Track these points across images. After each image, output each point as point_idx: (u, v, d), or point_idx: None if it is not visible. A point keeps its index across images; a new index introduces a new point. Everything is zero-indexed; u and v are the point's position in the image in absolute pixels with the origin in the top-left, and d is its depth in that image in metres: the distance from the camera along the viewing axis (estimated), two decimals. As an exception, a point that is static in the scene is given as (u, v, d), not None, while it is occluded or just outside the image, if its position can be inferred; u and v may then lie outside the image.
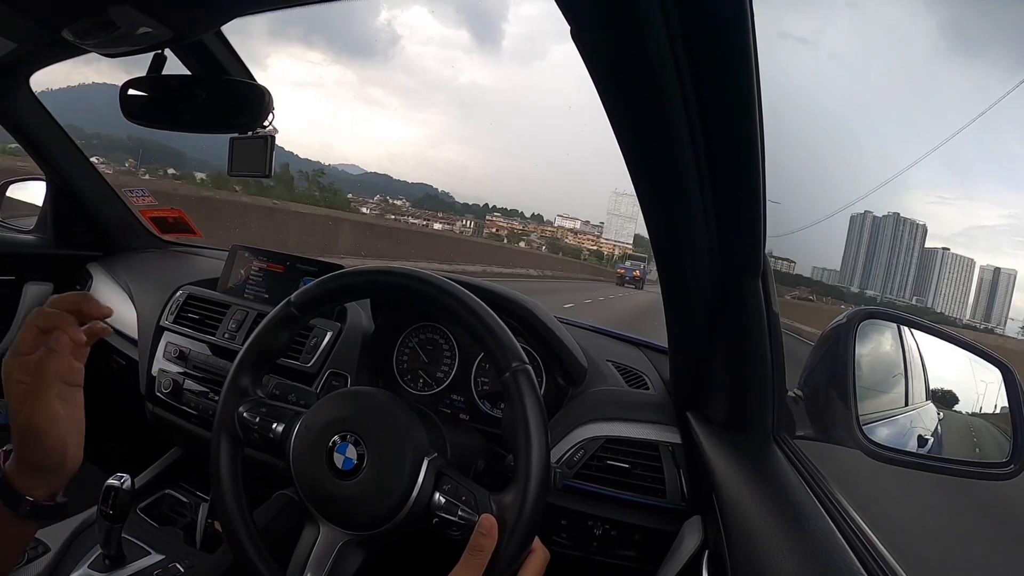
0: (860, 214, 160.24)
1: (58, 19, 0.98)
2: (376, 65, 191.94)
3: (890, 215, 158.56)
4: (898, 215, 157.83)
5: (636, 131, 0.64)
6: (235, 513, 0.81)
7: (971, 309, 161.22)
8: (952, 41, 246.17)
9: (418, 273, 0.82)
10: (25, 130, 1.68)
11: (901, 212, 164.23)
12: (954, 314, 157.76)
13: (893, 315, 0.94)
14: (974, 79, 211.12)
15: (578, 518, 1.05)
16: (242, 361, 0.87)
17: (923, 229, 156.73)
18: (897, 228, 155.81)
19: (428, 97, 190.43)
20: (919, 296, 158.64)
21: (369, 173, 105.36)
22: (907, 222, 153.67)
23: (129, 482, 0.99)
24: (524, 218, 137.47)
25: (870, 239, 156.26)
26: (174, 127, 1.18)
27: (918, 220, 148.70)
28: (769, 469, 0.83)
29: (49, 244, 1.87)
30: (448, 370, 1.23)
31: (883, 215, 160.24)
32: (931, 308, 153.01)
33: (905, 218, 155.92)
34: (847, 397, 0.83)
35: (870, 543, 0.67)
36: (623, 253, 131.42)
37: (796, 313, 25.70)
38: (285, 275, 1.52)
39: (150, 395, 1.47)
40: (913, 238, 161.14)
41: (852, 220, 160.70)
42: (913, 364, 0.99)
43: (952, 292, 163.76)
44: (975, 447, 0.93)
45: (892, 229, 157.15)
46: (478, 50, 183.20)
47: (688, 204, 0.70)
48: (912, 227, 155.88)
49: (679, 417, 1.04)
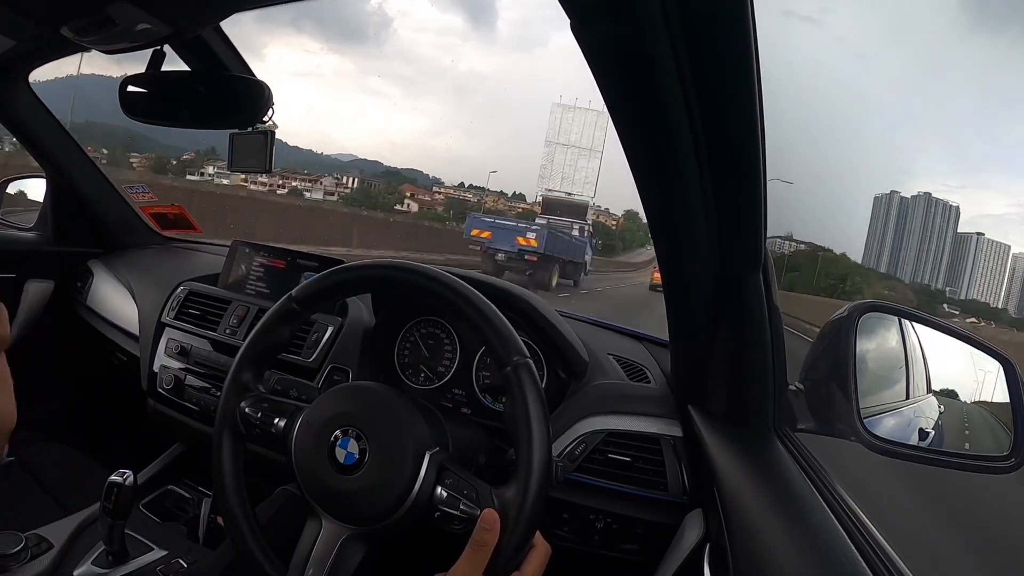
0: (886, 195, 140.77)
1: (57, 17, 0.98)
2: (369, 51, 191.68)
3: (920, 195, 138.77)
4: (929, 195, 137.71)
5: (636, 123, 0.64)
6: (237, 508, 0.81)
7: (1003, 299, 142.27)
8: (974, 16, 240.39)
9: (419, 267, 0.82)
10: (24, 127, 1.68)
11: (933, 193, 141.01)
12: (994, 303, 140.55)
13: (894, 308, 0.94)
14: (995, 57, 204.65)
15: (580, 512, 1.06)
16: (243, 357, 0.87)
17: (956, 211, 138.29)
18: (929, 210, 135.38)
19: (426, 86, 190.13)
20: (952, 287, 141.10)
21: (359, 159, 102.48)
22: (939, 203, 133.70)
23: (131, 478, 0.99)
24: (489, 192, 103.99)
25: (897, 222, 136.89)
26: (174, 123, 1.18)
27: (951, 201, 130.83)
28: (770, 462, 0.83)
29: (50, 241, 1.87)
30: (449, 364, 1.23)
31: (913, 195, 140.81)
32: (973, 298, 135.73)
33: (937, 199, 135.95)
34: (848, 390, 0.83)
35: (871, 535, 0.67)
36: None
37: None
38: (286, 270, 1.52)
39: (152, 391, 1.47)
40: (946, 222, 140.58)
41: (876, 201, 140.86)
42: (914, 357, 0.99)
43: (987, 281, 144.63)
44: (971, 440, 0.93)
45: (923, 211, 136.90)
46: (474, 35, 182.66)
47: (689, 197, 0.69)
48: (945, 209, 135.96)
49: (680, 410, 1.05)
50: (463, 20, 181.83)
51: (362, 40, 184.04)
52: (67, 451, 1.51)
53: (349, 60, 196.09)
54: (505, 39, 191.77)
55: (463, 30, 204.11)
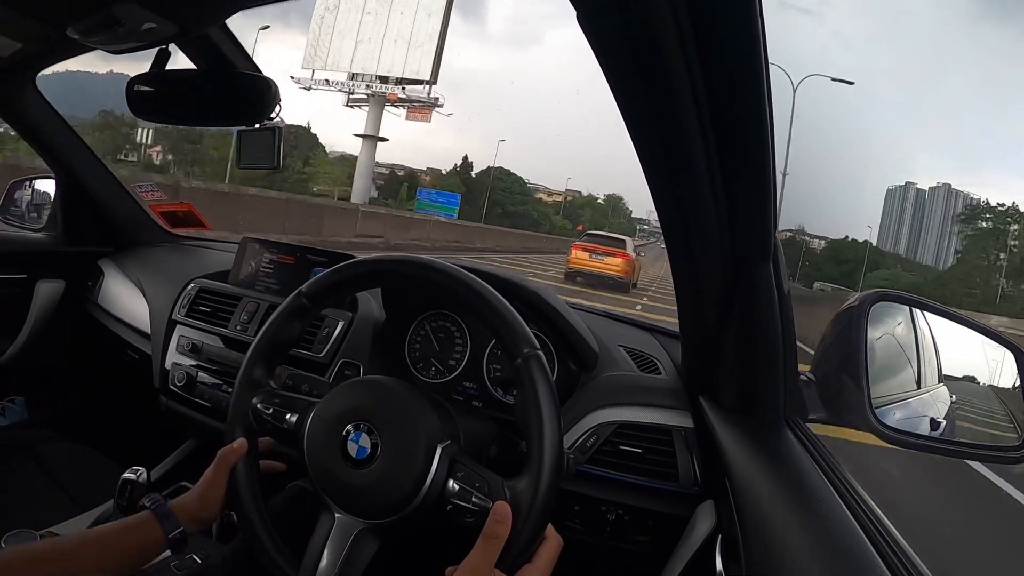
0: (901, 187, 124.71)
1: (63, 18, 0.99)
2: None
3: (940, 186, 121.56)
4: (949, 186, 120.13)
5: (644, 114, 0.63)
6: (250, 504, 0.82)
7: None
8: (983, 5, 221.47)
9: (428, 261, 0.82)
10: (33, 129, 1.69)
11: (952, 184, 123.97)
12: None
13: (905, 297, 0.94)
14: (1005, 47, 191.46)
15: (591, 504, 1.06)
16: (254, 353, 0.88)
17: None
18: (948, 203, 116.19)
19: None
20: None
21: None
22: (959, 195, 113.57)
23: (145, 475, 1.00)
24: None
25: (914, 217, 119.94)
26: (182, 122, 1.19)
27: (972, 193, 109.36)
28: (781, 453, 0.83)
29: (60, 242, 1.88)
30: (460, 357, 1.23)
31: (932, 186, 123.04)
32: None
33: (957, 190, 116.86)
34: (859, 380, 0.83)
35: (883, 526, 0.67)
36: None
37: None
38: (296, 266, 1.52)
39: (164, 388, 1.48)
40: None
41: (889, 194, 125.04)
42: (925, 347, 0.99)
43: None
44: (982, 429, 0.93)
45: (943, 204, 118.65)
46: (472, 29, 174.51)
47: (698, 188, 0.69)
48: (967, 202, 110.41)
49: (691, 401, 1.04)
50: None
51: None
52: (80, 449, 1.52)
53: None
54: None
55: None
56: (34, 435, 1.56)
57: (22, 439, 1.51)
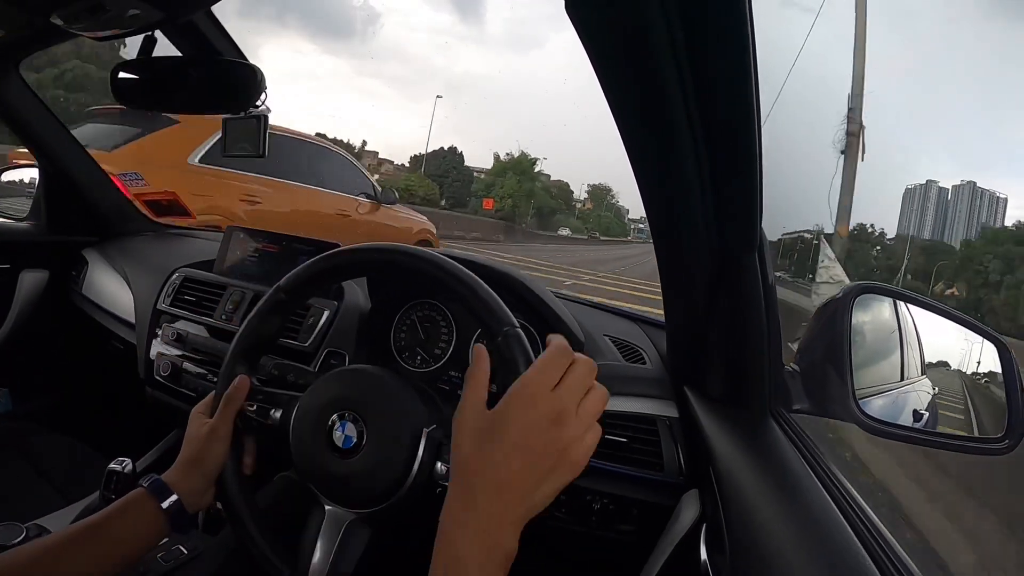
0: (921, 185, 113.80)
1: (47, 4, 0.97)
2: (355, 46, 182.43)
3: (964, 184, 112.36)
4: (974, 184, 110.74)
5: (631, 105, 0.63)
6: (237, 495, 0.82)
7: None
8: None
9: (404, 248, 0.82)
10: (16, 117, 1.67)
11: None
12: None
13: (889, 289, 0.95)
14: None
15: (577, 492, 1.06)
16: (235, 351, 0.87)
17: (1004, 203, 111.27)
18: (973, 203, 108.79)
19: (423, 87, 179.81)
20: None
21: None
22: (985, 194, 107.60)
23: (130, 466, 0.99)
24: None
25: (936, 218, 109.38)
26: (167, 108, 1.18)
27: (998, 192, 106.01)
28: (766, 443, 0.83)
29: (43, 231, 1.86)
30: (446, 346, 1.23)
31: (956, 184, 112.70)
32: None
33: (982, 189, 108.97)
34: (843, 371, 0.84)
35: (865, 514, 0.68)
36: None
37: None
38: (281, 255, 1.52)
39: (149, 379, 1.47)
40: (993, 216, 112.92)
41: (907, 194, 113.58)
42: (909, 339, 1.00)
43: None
44: (965, 421, 0.94)
45: (968, 204, 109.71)
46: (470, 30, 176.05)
47: (684, 178, 0.69)
48: (992, 201, 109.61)
49: (676, 391, 1.05)
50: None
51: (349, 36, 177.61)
52: (66, 440, 1.51)
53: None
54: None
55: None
56: (19, 426, 1.55)
57: (6, 431, 1.50)
